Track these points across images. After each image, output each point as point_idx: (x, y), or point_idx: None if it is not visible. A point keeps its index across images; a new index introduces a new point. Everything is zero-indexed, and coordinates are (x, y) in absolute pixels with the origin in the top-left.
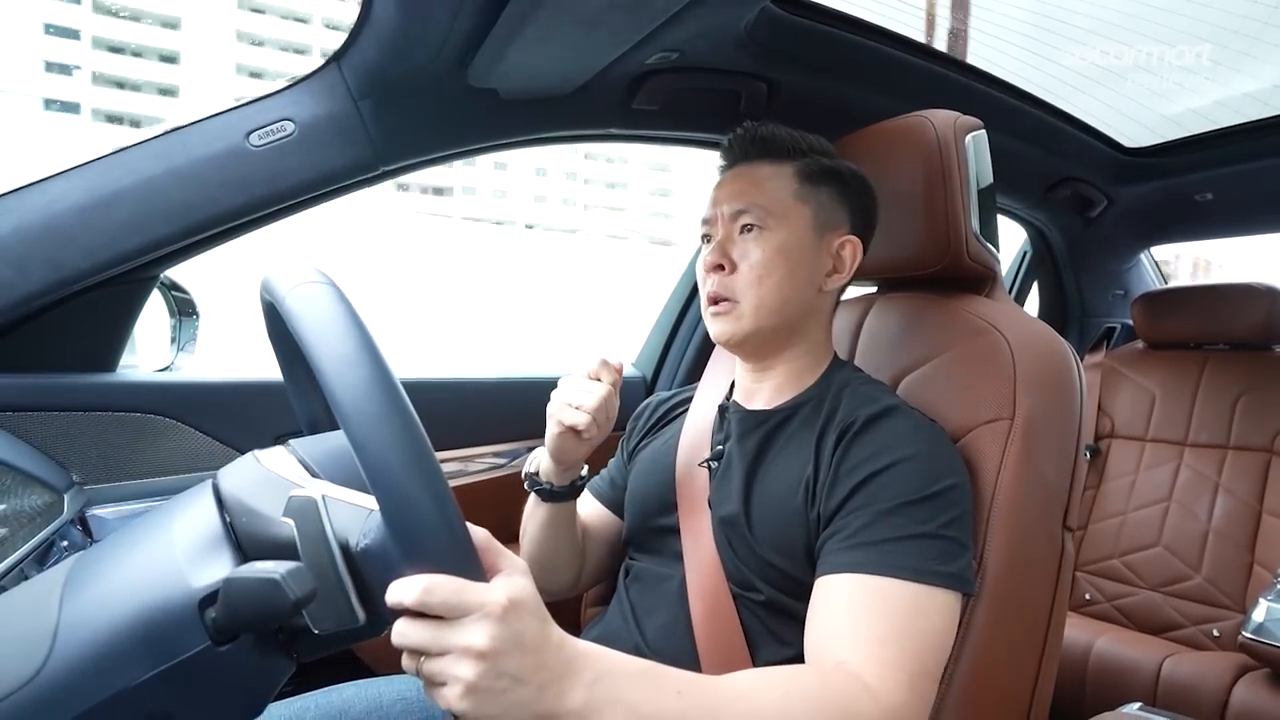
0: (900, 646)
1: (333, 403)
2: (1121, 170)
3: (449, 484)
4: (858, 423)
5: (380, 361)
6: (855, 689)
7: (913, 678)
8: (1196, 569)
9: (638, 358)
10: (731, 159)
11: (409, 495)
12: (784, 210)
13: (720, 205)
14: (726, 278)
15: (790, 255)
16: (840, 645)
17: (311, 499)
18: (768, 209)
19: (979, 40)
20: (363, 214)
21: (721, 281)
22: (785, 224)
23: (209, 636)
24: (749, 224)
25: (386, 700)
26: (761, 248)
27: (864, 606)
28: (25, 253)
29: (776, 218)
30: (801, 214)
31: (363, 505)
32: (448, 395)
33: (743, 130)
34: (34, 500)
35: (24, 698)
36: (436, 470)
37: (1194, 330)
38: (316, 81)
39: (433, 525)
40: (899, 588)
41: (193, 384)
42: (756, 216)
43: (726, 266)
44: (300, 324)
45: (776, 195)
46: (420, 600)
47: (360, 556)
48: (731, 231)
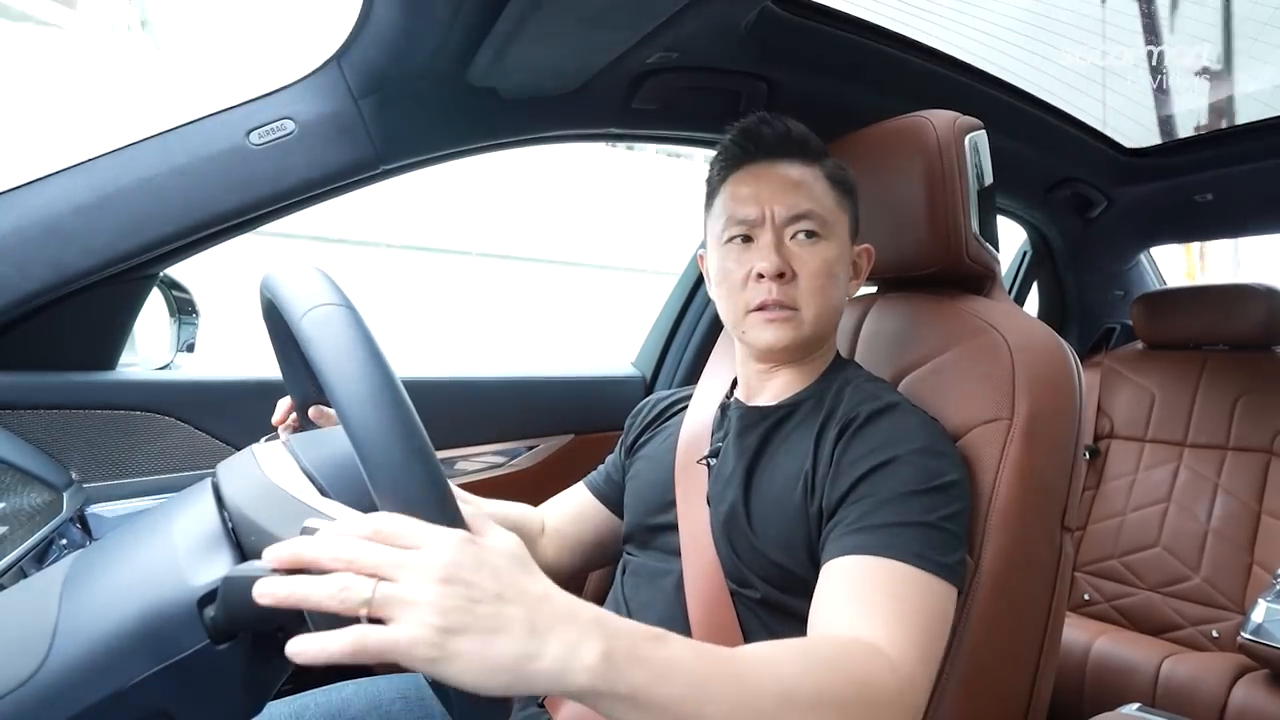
0: (912, 622)
1: (355, 444)
2: (1121, 171)
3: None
4: (860, 418)
5: (405, 410)
6: (874, 657)
7: (924, 654)
8: (1196, 570)
9: (638, 357)
10: (758, 152)
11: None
12: (834, 219)
13: (769, 205)
14: (787, 285)
15: (840, 265)
16: (853, 620)
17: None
18: (825, 217)
19: (979, 40)
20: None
21: (783, 289)
22: (834, 233)
23: (208, 635)
24: (810, 231)
25: (386, 698)
26: (822, 257)
27: (874, 585)
28: (25, 251)
29: (828, 226)
30: (844, 223)
31: None
32: (448, 394)
33: (767, 122)
34: (33, 498)
35: (23, 696)
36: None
37: (1193, 331)
38: (317, 80)
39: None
40: (904, 571)
41: (192, 382)
42: (817, 224)
43: (788, 274)
44: (318, 355)
45: (826, 202)
46: (373, 528)
47: None
48: (783, 236)
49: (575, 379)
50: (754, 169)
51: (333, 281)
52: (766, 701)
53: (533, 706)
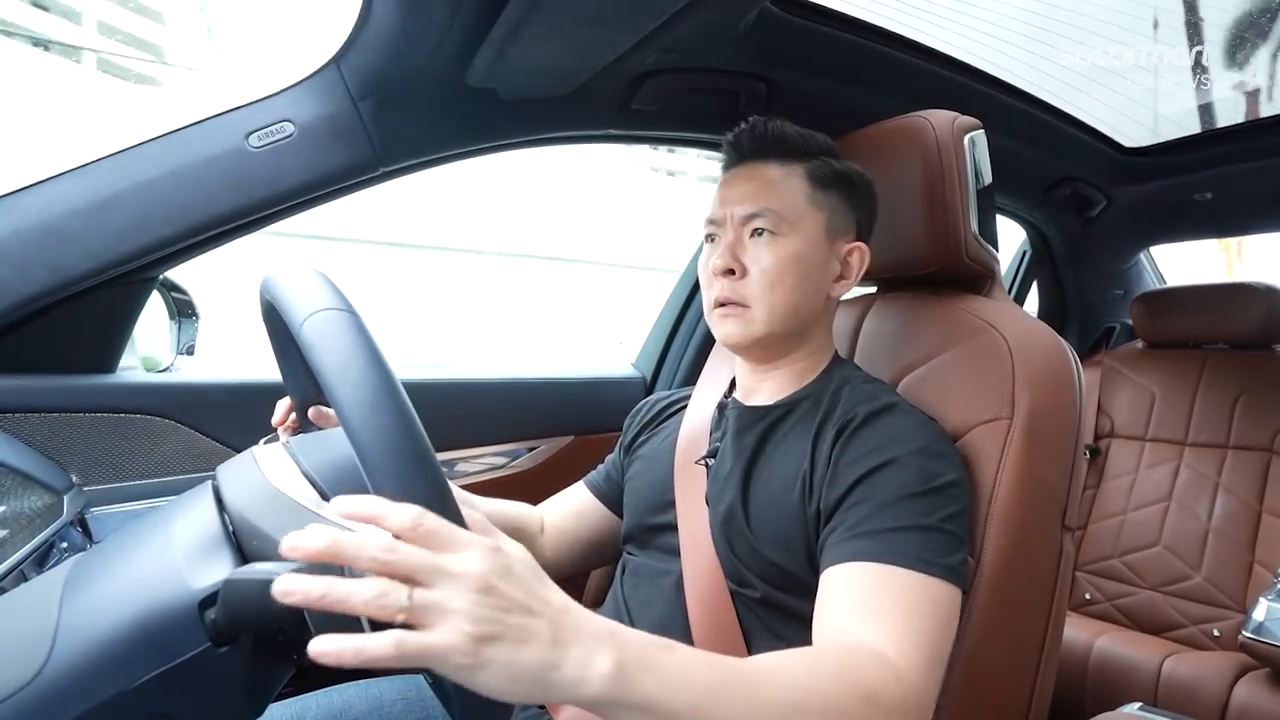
0: (916, 627)
1: (358, 450)
2: (1121, 170)
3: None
4: (857, 419)
5: (408, 416)
6: (880, 665)
7: (929, 659)
8: (1196, 569)
9: (637, 358)
10: (739, 155)
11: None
12: (797, 215)
13: (730, 206)
14: (737, 282)
15: (803, 262)
16: (858, 628)
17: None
18: (781, 214)
19: (978, 40)
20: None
21: (731, 286)
22: (798, 230)
23: (209, 638)
24: (761, 229)
25: (387, 700)
26: (774, 254)
27: (877, 592)
28: (25, 254)
29: (790, 223)
30: (814, 220)
31: None
32: (449, 396)
33: (750, 126)
34: (33, 502)
35: (24, 699)
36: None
37: (1194, 330)
38: (316, 82)
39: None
40: (905, 575)
41: (192, 385)
42: (770, 221)
43: (737, 271)
44: (320, 361)
45: (789, 200)
46: (414, 522)
47: None
48: (742, 234)
49: (575, 380)
50: (736, 171)
51: (334, 285)
52: (774, 712)
53: (533, 708)
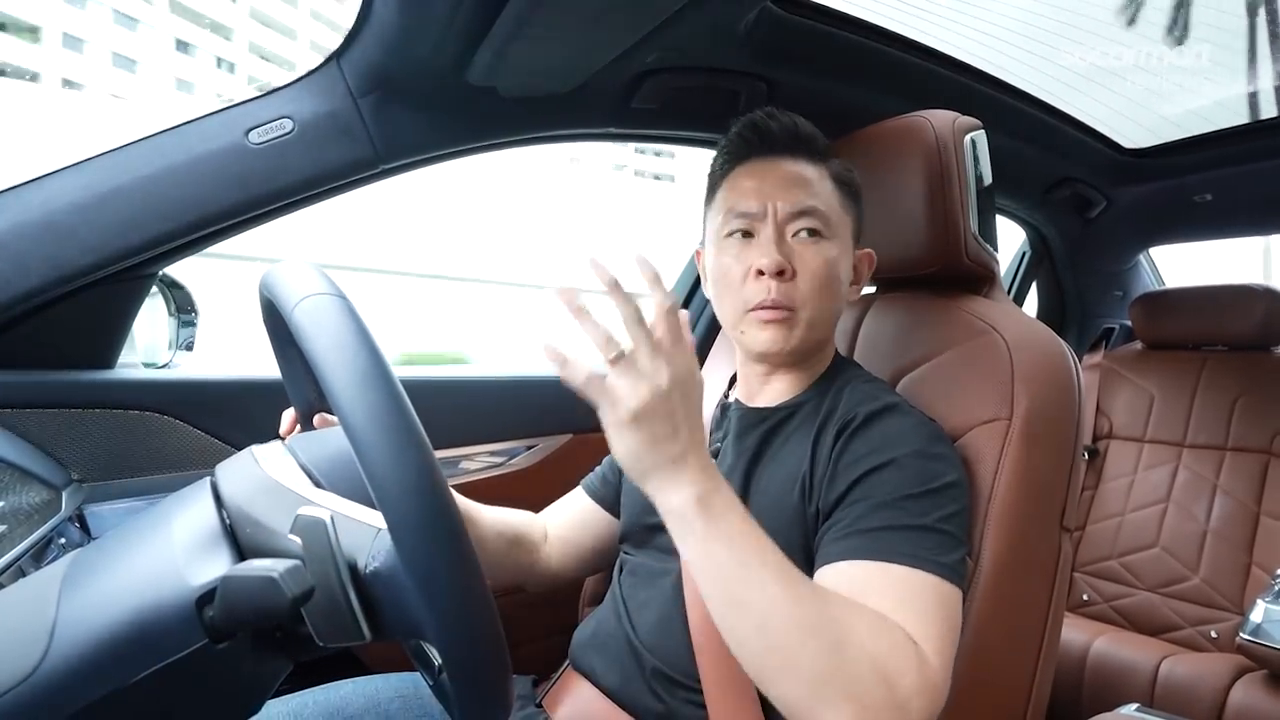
0: (928, 620)
1: (347, 429)
2: (1120, 171)
3: (455, 502)
4: (858, 419)
5: (396, 393)
6: (909, 643)
7: (943, 660)
8: (1194, 570)
9: None
10: (764, 147)
11: (425, 548)
12: (838, 219)
13: (769, 199)
14: (787, 284)
15: (841, 267)
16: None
17: (320, 520)
18: (829, 216)
19: (978, 40)
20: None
21: (782, 288)
22: (838, 234)
23: (206, 634)
24: (813, 229)
25: (384, 698)
26: (823, 257)
27: (867, 588)
28: (24, 249)
29: (832, 226)
30: (847, 225)
31: (370, 524)
32: (447, 394)
33: (774, 118)
34: (32, 497)
35: (21, 695)
36: (459, 527)
37: (1193, 331)
38: (316, 79)
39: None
40: (900, 571)
41: (191, 381)
42: (820, 222)
43: (788, 272)
44: (310, 343)
45: (830, 202)
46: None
47: (369, 578)
48: (785, 232)
49: None
50: (759, 163)
51: (325, 274)
52: (806, 608)
53: (531, 707)
